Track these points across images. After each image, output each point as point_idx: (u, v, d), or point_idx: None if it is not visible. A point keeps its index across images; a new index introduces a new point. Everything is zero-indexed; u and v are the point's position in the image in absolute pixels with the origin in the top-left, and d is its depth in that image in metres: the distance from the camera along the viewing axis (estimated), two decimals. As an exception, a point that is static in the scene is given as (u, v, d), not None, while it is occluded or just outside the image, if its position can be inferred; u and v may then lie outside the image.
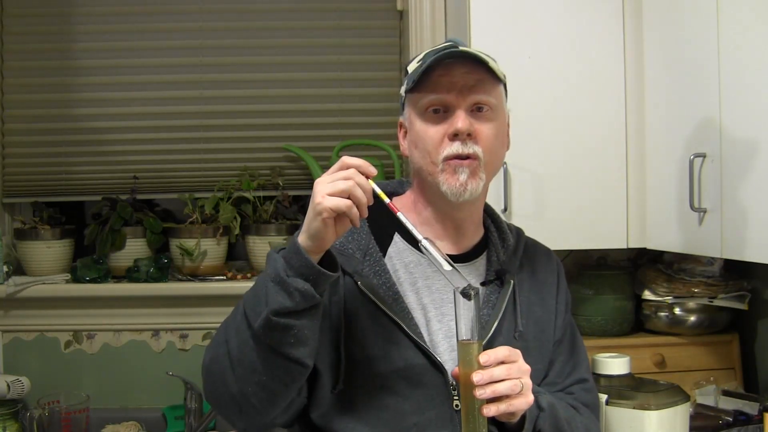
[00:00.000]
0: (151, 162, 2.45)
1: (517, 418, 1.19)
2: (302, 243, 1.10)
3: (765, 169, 1.49)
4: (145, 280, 2.28)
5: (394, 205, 1.16)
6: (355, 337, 1.24)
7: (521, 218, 1.90)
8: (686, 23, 1.74)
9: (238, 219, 2.35)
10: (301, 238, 1.11)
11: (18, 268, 2.36)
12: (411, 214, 1.31)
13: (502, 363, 1.13)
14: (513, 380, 1.12)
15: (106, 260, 2.32)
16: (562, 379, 1.38)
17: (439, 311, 1.29)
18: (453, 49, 1.23)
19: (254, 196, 2.37)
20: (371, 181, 1.12)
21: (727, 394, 1.94)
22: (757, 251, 1.53)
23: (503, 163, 1.65)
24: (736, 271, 2.06)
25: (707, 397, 1.95)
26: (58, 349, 2.32)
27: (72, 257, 2.40)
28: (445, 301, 1.29)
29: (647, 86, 1.92)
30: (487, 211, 1.41)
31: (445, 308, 1.29)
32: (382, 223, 1.30)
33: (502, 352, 1.14)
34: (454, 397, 1.25)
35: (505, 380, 1.11)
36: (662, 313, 2.07)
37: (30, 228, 2.34)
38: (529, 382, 1.15)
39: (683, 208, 1.72)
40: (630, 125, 1.94)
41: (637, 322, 2.15)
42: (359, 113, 2.47)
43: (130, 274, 2.30)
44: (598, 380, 1.69)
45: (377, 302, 1.24)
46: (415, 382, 1.24)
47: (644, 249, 1.97)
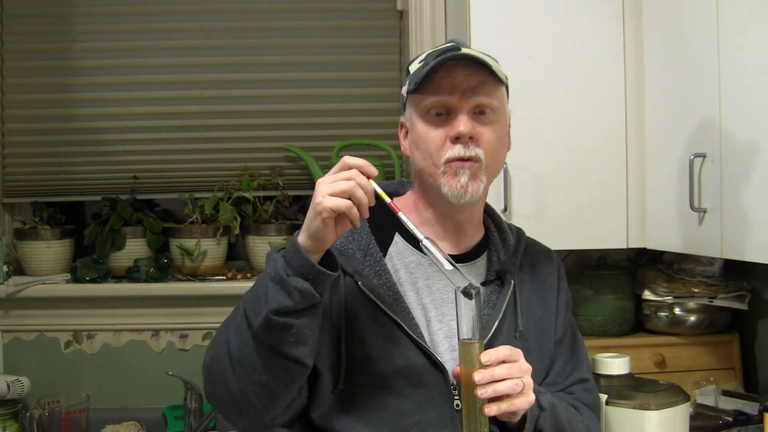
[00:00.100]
0: (151, 162, 2.45)
1: (518, 418, 1.19)
2: (302, 242, 1.10)
3: (765, 169, 1.49)
4: (145, 280, 2.28)
5: (395, 205, 1.17)
6: (356, 337, 1.24)
7: (521, 218, 1.90)
8: (686, 23, 1.74)
9: (238, 219, 2.35)
10: (301, 237, 1.11)
11: (18, 268, 2.36)
12: (412, 214, 1.31)
13: (503, 362, 1.13)
14: (514, 379, 1.12)
15: (106, 260, 2.32)
16: (563, 378, 1.38)
17: (440, 311, 1.29)
18: (455, 51, 1.23)
19: (254, 196, 2.37)
20: (372, 182, 1.12)
21: (727, 394, 1.94)
22: (757, 251, 1.53)
23: (503, 164, 1.65)
24: (736, 271, 2.06)
25: (707, 397, 1.95)
26: (58, 349, 2.32)
27: (72, 257, 2.40)
28: (445, 301, 1.29)
29: (647, 86, 1.92)
30: (488, 211, 1.41)
31: (446, 308, 1.29)
32: (383, 223, 1.30)
33: (503, 351, 1.14)
34: (455, 397, 1.25)
35: (507, 379, 1.11)
36: (662, 313, 2.07)
37: (30, 228, 2.34)
38: (530, 382, 1.15)
39: (683, 208, 1.72)
40: (630, 125, 1.94)
41: (637, 322, 2.15)
42: (359, 113, 2.47)
43: (130, 274, 2.30)
44: (598, 380, 1.69)
45: (378, 302, 1.24)
46: (415, 382, 1.24)
47: (644, 249, 1.97)
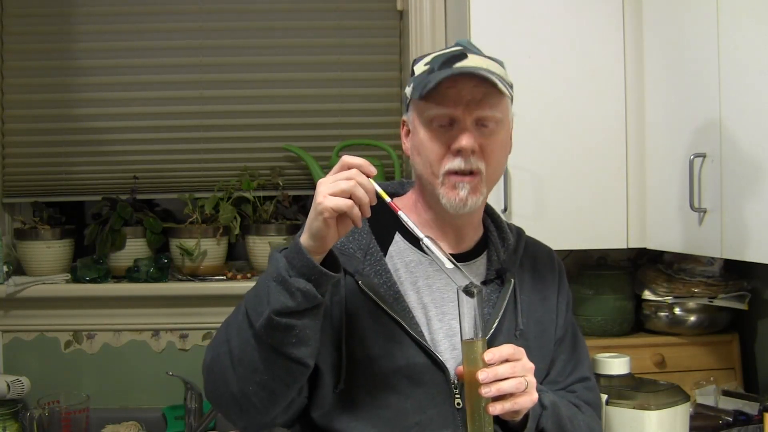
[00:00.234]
0: (151, 162, 2.45)
1: (520, 417, 1.19)
2: (304, 243, 1.10)
3: (765, 169, 1.50)
4: (145, 280, 2.28)
5: (396, 204, 1.17)
6: (357, 337, 1.24)
7: (521, 218, 1.90)
8: (686, 23, 1.74)
9: (238, 219, 2.35)
10: (303, 238, 1.11)
11: (18, 268, 2.36)
12: (411, 214, 1.30)
13: (506, 361, 1.13)
14: (518, 378, 1.12)
15: (106, 260, 2.32)
16: (564, 377, 1.38)
17: (440, 310, 1.29)
18: (462, 58, 1.22)
19: (254, 196, 2.37)
20: (371, 181, 1.12)
21: (727, 394, 1.94)
22: (757, 251, 1.53)
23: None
24: (736, 271, 2.06)
25: (707, 397, 1.95)
26: (58, 349, 2.32)
27: (72, 257, 2.39)
28: (445, 300, 1.29)
29: (647, 86, 1.92)
30: (487, 211, 1.40)
31: (446, 307, 1.29)
32: (383, 223, 1.30)
33: (506, 350, 1.14)
34: (456, 396, 1.25)
35: (510, 378, 1.12)
36: (662, 313, 2.07)
37: (30, 228, 2.34)
38: (533, 380, 1.15)
39: (683, 208, 1.72)
40: (630, 125, 1.94)
41: (637, 322, 2.15)
42: (359, 113, 2.46)
43: (130, 274, 2.29)
44: (598, 380, 1.68)
45: (378, 301, 1.24)
46: (416, 381, 1.24)
47: (644, 249, 1.97)
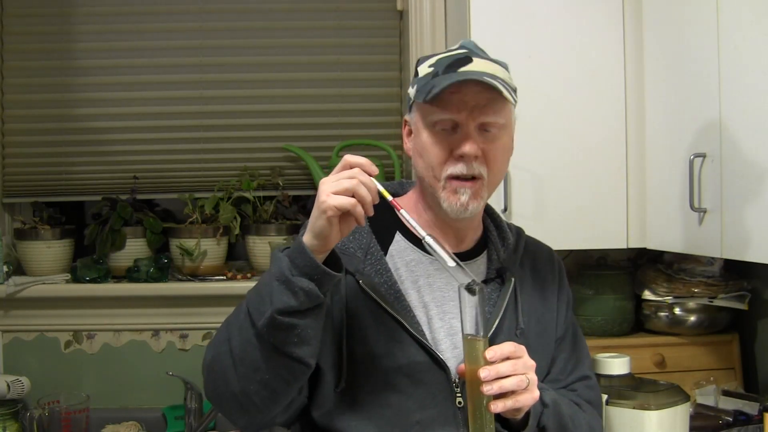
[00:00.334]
0: (151, 162, 2.45)
1: (522, 415, 1.19)
2: (307, 242, 1.10)
3: (765, 169, 1.50)
4: (145, 280, 2.28)
5: (397, 203, 1.17)
6: (358, 336, 1.24)
7: (521, 218, 1.90)
8: (686, 23, 1.75)
9: (238, 219, 2.35)
10: (306, 237, 1.11)
11: (18, 268, 2.36)
12: (412, 214, 1.30)
13: (507, 358, 1.13)
14: (519, 376, 1.12)
15: (106, 260, 2.32)
16: (565, 376, 1.39)
17: (441, 309, 1.29)
18: (467, 62, 1.22)
19: (254, 196, 2.37)
20: (374, 180, 1.12)
21: (727, 394, 1.94)
22: (757, 251, 1.53)
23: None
24: (736, 271, 2.06)
25: (707, 397, 1.95)
26: (58, 349, 2.32)
27: (72, 257, 2.39)
28: (446, 299, 1.30)
29: (647, 86, 1.92)
30: (487, 211, 1.40)
31: (447, 306, 1.29)
32: (384, 222, 1.30)
33: (507, 347, 1.14)
34: (457, 395, 1.25)
35: (512, 376, 1.12)
36: (662, 313, 2.08)
37: (30, 228, 2.34)
38: (534, 378, 1.16)
39: (683, 208, 1.72)
40: (630, 125, 1.94)
41: (637, 322, 2.15)
42: (359, 113, 2.47)
43: (130, 274, 2.29)
44: (598, 380, 1.68)
45: (379, 301, 1.25)
46: (417, 380, 1.25)
47: (644, 249, 1.97)
